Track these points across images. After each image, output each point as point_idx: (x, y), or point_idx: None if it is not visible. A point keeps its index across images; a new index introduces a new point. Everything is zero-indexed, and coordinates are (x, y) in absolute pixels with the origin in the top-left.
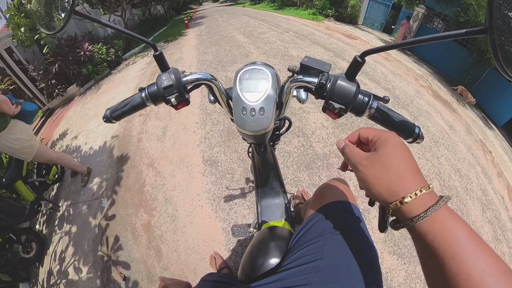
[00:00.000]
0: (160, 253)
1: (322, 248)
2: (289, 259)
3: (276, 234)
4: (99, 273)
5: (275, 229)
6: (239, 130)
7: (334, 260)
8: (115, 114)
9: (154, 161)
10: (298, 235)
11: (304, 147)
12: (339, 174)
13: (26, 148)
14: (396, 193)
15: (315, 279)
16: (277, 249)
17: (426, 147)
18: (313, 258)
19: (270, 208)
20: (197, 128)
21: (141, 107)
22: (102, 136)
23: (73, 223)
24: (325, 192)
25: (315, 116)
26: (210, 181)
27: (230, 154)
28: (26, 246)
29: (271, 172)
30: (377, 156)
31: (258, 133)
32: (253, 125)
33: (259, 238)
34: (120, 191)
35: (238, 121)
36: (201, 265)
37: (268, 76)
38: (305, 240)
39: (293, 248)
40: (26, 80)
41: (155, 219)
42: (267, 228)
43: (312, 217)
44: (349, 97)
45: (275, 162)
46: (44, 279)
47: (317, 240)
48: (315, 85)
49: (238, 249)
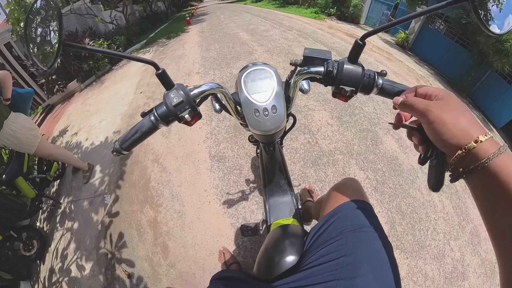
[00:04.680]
0: (166, 250)
1: (345, 246)
2: (310, 258)
3: (290, 233)
4: (103, 271)
5: (288, 227)
6: (254, 132)
7: (358, 256)
8: (125, 145)
9: (159, 157)
10: (316, 234)
11: (310, 144)
12: (345, 170)
13: (30, 138)
14: (471, 134)
15: (342, 275)
16: (294, 247)
17: None
18: (337, 255)
19: (278, 206)
20: (203, 124)
21: (152, 132)
22: (104, 132)
23: (75, 220)
24: (341, 191)
25: (320, 114)
26: (218, 176)
27: (237, 150)
28: (27, 243)
29: (279, 171)
30: (446, 103)
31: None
32: (268, 125)
33: (274, 237)
34: (124, 187)
35: (253, 123)
36: (209, 261)
37: (271, 74)
38: (325, 238)
39: (313, 246)
40: (26, 76)
41: (162, 215)
42: (280, 227)
43: (329, 216)
44: (357, 79)
45: (283, 160)
46: (45, 277)
47: (338, 238)
48: (322, 73)
49: (247, 244)
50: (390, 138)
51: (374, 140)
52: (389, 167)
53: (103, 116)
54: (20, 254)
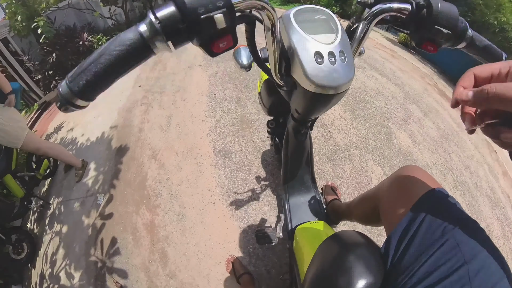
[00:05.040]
0: (165, 258)
1: (460, 249)
2: (410, 276)
3: (352, 243)
4: (92, 281)
5: (344, 236)
6: (312, 89)
7: (480, 260)
8: (79, 83)
9: (157, 152)
10: (404, 241)
11: (324, 138)
12: (363, 166)
13: (17, 131)
14: None
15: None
16: (370, 265)
17: (438, 142)
18: (455, 264)
19: (300, 206)
20: (206, 117)
21: (135, 56)
22: (100, 127)
23: (64, 222)
24: (409, 185)
25: (333, 108)
26: (224, 174)
27: (245, 144)
28: (17, 246)
29: (305, 163)
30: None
31: (342, 88)
32: (336, 76)
33: (331, 253)
34: (119, 186)
35: (313, 72)
36: (215, 270)
37: (330, 14)
38: (423, 246)
39: (406, 259)
40: (22, 72)
41: (159, 218)
42: (334, 237)
43: (410, 218)
44: (454, 19)
45: (311, 150)
46: (36, 282)
47: (442, 241)
48: (409, 10)
49: (259, 251)
50: (403, 134)
51: (388, 135)
52: (405, 163)
53: (100, 111)
54: (9, 257)
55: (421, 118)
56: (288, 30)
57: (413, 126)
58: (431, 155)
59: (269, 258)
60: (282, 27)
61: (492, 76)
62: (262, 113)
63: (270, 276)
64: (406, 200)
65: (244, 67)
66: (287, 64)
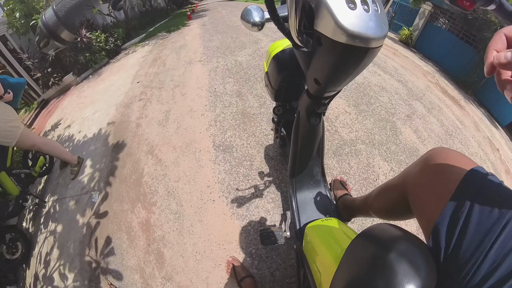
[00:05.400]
0: (162, 259)
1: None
2: (479, 268)
3: (394, 239)
4: (86, 283)
5: (379, 231)
6: (343, 39)
7: None
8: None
9: (155, 147)
10: (456, 233)
11: (329, 132)
12: (370, 161)
13: (10, 130)
14: None
15: None
16: (419, 263)
17: (442, 139)
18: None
19: (309, 202)
20: (205, 111)
21: None
22: (97, 123)
23: (58, 221)
24: (444, 168)
25: (336, 101)
26: (224, 169)
27: (246, 138)
28: (11, 246)
29: (316, 154)
30: None
31: (379, 40)
32: (371, 25)
33: (368, 252)
34: (114, 183)
35: (345, 18)
36: (215, 273)
37: None
38: (482, 232)
39: (465, 251)
40: (21, 70)
41: (155, 217)
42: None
43: (455, 204)
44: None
45: (322, 138)
46: (31, 283)
47: (502, 223)
48: None
49: (262, 252)
50: (408, 129)
51: (394, 130)
52: (411, 159)
53: (97, 107)
54: (3, 257)
55: (425, 115)
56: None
57: (418, 122)
58: None
59: (273, 260)
60: None
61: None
62: (264, 107)
63: (275, 279)
64: (445, 186)
65: (256, 24)
66: (309, 20)
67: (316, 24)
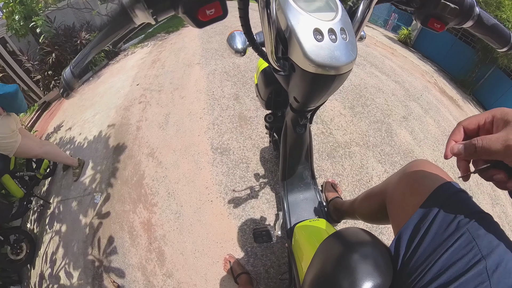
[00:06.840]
0: (162, 257)
1: (476, 243)
2: (423, 274)
3: (358, 241)
4: (90, 281)
5: (347, 233)
6: (311, 70)
7: (497, 255)
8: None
9: (155, 150)
10: (416, 238)
11: (324, 135)
12: (363, 163)
13: (4, 146)
14: None
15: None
16: (377, 265)
17: (439, 140)
18: (471, 260)
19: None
20: (204, 114)
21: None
22: (98, 125)
23: (63, 221)
24: (420, 179)
25: (331, 103)
26: (221, 171)
27: (243, 141)
28: (16, 247)
29: (304, 158)
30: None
31: (344, 69)
32: (337, 55)
33: (335, 252)
34: (116, 184)
35: (312, 51)
36: (212, 270)
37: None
38: (436, 241)
39: (418, 256)
40: (21, 72)
41: (156, 217)
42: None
43: (421, 213)
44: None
45: (310, 144)
46: (36, 282)
47: (456, 236)
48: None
49: (257, 250)
50: (404, 131)
51: (389, 132)
52: (406, 161)
53: (98, 110)
54: (8, 258)
55: (422, 115)
56: (284, 8)
57: (414, 123)
58: (432, 152)
59: (267, 257)
60: (277, 6)
61: (479, 127)
62: (260, 110)
63: (269, 275)
64: (416, 196)
65: (238, 52)
66: (284, 46)
67: (290, 53)
